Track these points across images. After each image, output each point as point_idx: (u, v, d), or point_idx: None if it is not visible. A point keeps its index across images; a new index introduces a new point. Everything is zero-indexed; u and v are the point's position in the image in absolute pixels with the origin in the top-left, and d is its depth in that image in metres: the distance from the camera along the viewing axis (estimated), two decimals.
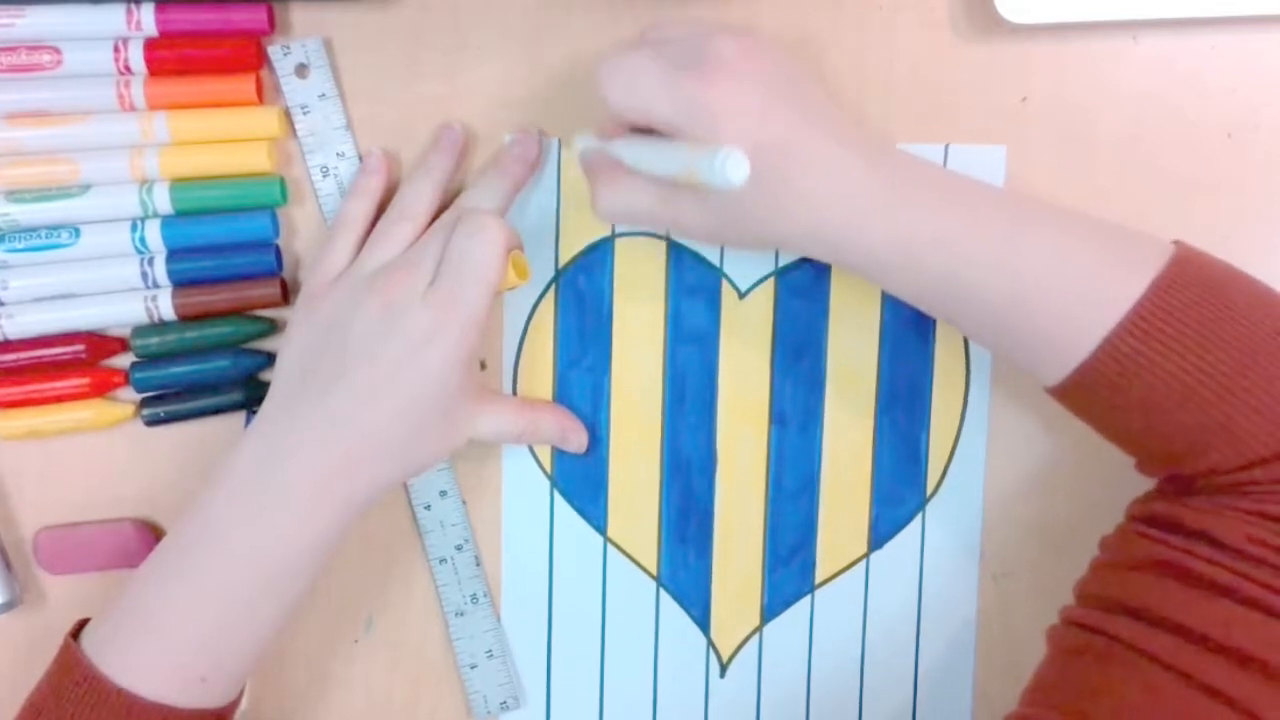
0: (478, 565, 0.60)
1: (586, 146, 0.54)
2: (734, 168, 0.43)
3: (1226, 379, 0.46)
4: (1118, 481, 0.57)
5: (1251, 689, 0.43)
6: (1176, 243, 0.50)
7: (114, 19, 0.55)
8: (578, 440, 0.59)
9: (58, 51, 0.55)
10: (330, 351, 0.52)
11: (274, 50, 0.57)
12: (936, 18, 0.57)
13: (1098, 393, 0.49)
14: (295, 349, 0.54)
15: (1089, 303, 0.47)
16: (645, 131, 0.51)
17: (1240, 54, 0.56)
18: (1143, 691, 0.45)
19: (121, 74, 0.55)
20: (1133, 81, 0.57)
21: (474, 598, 0.60)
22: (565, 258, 0.59)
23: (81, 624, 0.52)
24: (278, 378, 0.54)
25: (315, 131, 0.58)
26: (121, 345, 0.58)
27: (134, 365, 0.58)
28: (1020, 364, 0.51)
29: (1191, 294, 0.47)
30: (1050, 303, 0.48)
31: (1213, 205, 0.57)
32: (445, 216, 0.55)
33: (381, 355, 0.51)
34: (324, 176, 0.58)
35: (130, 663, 0.49)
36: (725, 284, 0.59)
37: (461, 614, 0.60)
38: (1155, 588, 0.47)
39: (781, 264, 0.59)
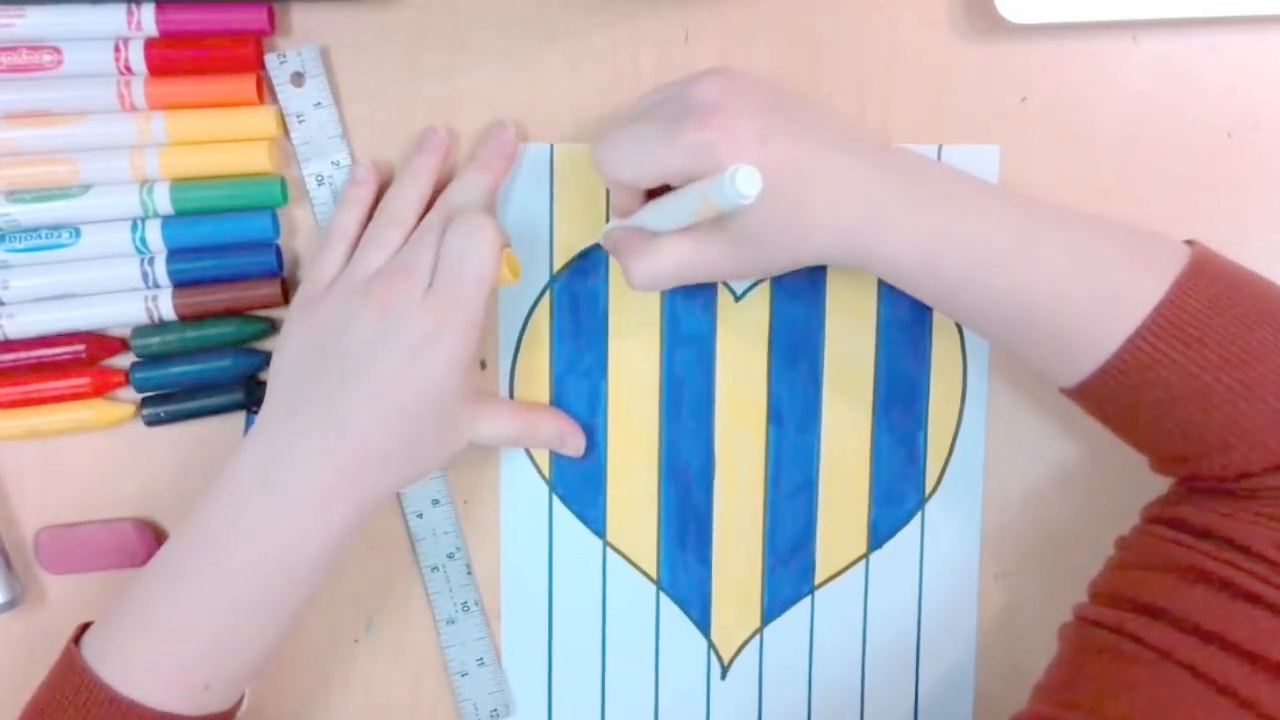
0: (469, 573, 0.60)
1: (607, 230, 0.56)
2: (744, 181, 0.43)
3: (1248, 381, 0.47)
4: (1120, 480, 0.57)
5: (1270, 693, 0.43)
6: (1191, 242, 0.50)
7: (114, 19, 0.55)
8: (575, 443, 0.59)
9: (58, 51, 0.55)
10: (329, 359, 0.51)
11: (270, 58, 0.57)
12: (936, 18, 0.57)
13: (1116, 394, 0.49)
14: (291, 356, 0.53)
15: (1107, 305, 0.48)
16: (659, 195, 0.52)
17: (1240, 54, 0.56)
18: (1160, 692, 0.45)
19: (122, 74, 0.56)
20: (1133, 81, 0.57)
21: (465, 605, 0.60)
22: (560, 263, 0.59)
23: (84, 627, 0.52)
24: (274, 385, 0.54)
25: (310, 140, 0.57)
26: (122, 345, 0.58)
27: (134, 365, 0.58)
28: (1037, 366, 0.52)
29: (1211, 295, 0.47)
30: (1068, 305, 0.48)
31: (1213, 205, 0.57)
32: (431, 217, 0.55)
33: (383, 360, 0.51)
34: (319, 185, 0.58)
35: (132, 670, 0.49)
36: (721, 287, 0.59)
37: (453, 622, 0.60)
38: (1176, 589, 0.47)
39: None
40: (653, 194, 0.54)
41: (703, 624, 0.61)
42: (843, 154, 0.50)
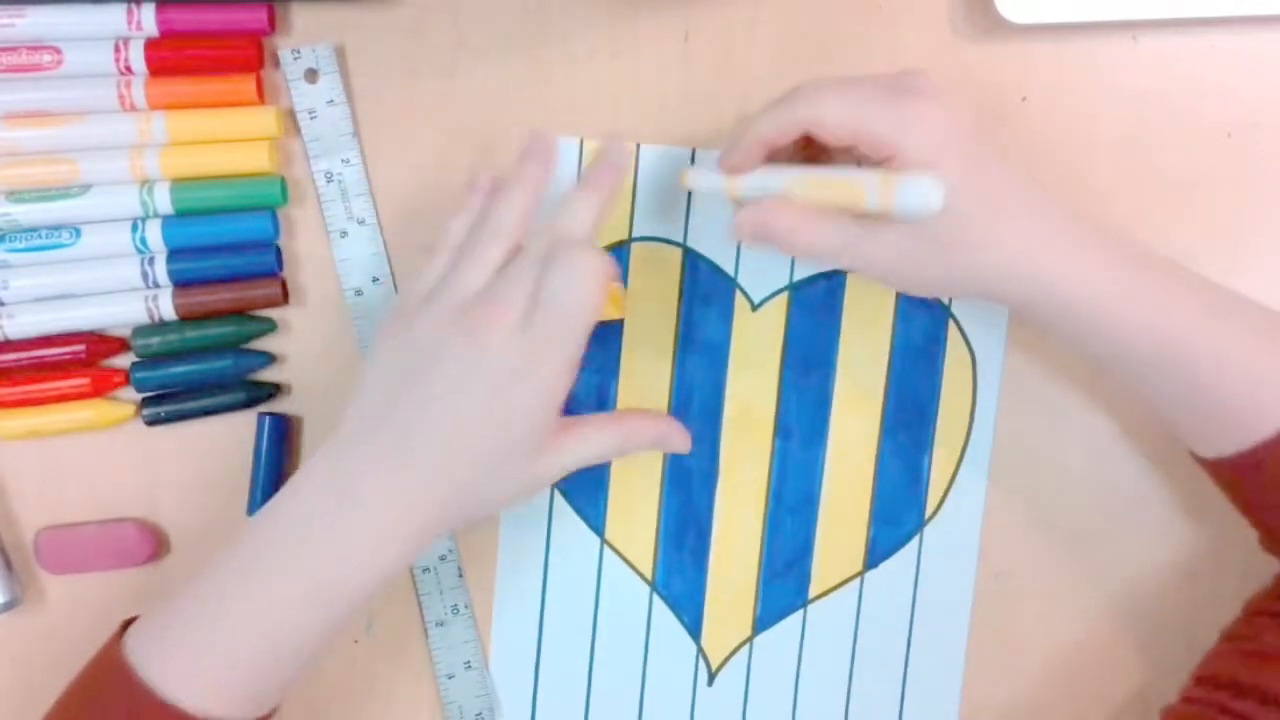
0: (460, 576, 0.60)
1: (751, 187, 0.53)
2: (934, 192, 0.44)
3: None
4: (1120, 515, 0.58)
5: None
6: None
7: (114, 19, 0.55)
8: (680, 442, 0.56)
9: (58, 51, 0.55)
10: (416, 383, 0.50)
11: (284, 54, 0.57)
12: (936, 18, 0.57)
13: (1257, 475, 0.49)
14: (381, 372, 0.51)
15: (1273, 389, 0.48)
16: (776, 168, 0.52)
17: (1240, 54, 0.56)
18: None
19: (122, 74, 0.56)
20: (1133, 81, 0.57)
21: (455, 609, 0.60)
22: None
23: (126, 624, 0.51)
24: (360, 398, 0.51)
25: (321, 137, 0.58)
26: (122, 345, 0.58)
27: (134, 365, 0.58)
28: (1181, 430, 0.52)
29: None
30: (1235, 382, 0.48)
31: (1213, 205, 0.57)
32: (535, 245, 0.51)
33: (469, 396, 0.49)
34: (328, 182, 0.58)
35: (178, 672, 0.48)
36: (739, 294, 0.59)
37: (442, 624, 0.60)
38: None
39: (796, 278, 0.59)
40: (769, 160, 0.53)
41: (694, 629, 0.60)
42: (1037, 190, 0.50)
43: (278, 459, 0.58)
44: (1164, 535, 0.59)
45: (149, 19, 0.55)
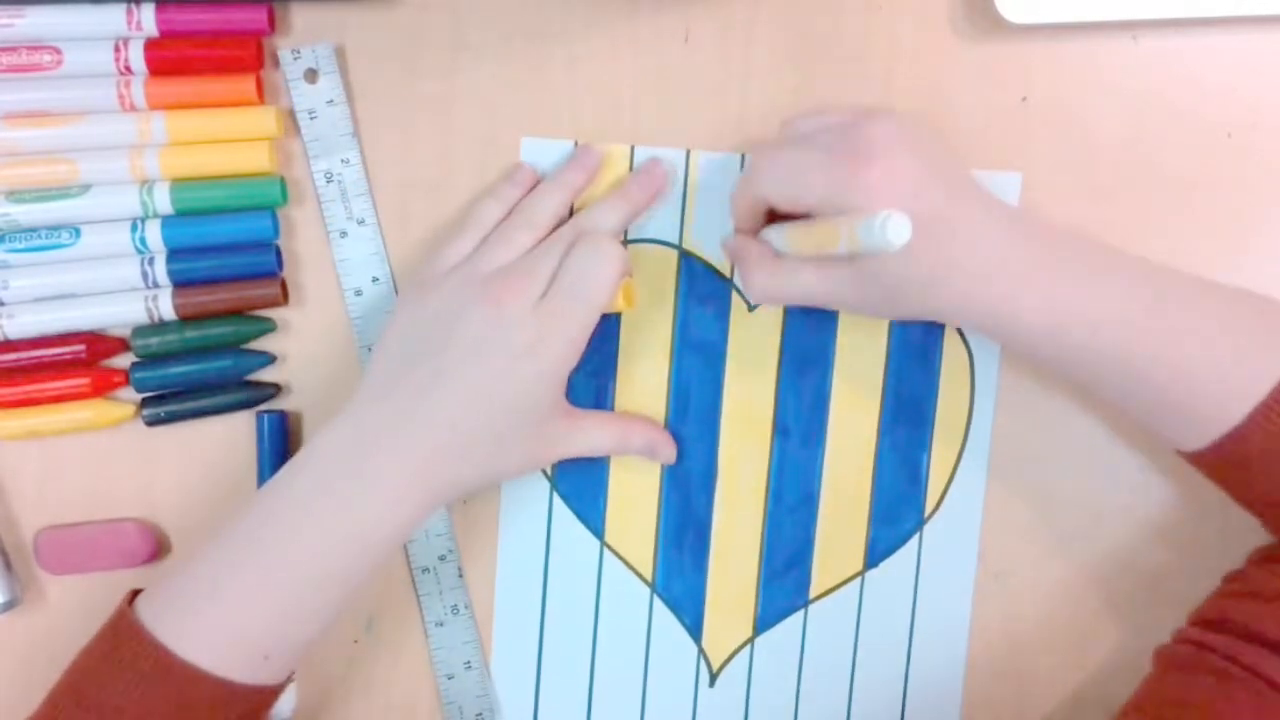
0: (460, 576, 0.60)
1: (730, 235, 0.56)
2: (895, 229, 0.44)
3: None
4: (1120, 513, 0.58)
5: None
6: None
7: (114, 19, 0.55)
8: (667, 453, 0.59)
9: (58, 51, 0.55)
10: (434, 346, 0.52)
11: (284, 54, 0.57)
12: (936, 18, 0.57)
13: (1240, 461, 0.49)
14: (399, 335, 0.54)
15: (1235, 372, 0.48)
16: (784, 220, 0.53)
17: (1240, 54, 0.56)
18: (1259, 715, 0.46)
19: (122, 74, 0.56)
20: (1133, 81, 0.57)
21: (455, 609, 0.60)
22: None
23: (133, 595, 0.52)
24: (377, 360, 0.54)
25: (321, 137, 0.58)
26: (122, 345, 0.58)
27: (134, 365, 0.58)
28: (1159, 430, 0.52)
29: None
30: (1195, 372, 0.48)
31: (1213, 205, 0.57)
32: (564, 230, 0.55)
33: (484, 359, 0.51)
34: (328, 182, 0.58)
35: (193, 634, 0.49)
36: (735, 296, 0.59)
37: (441, 624, 0.60)
38: None
39: None
40: (772, 216, 0.54)
41: (694, 630, 0.60)
42: (990, 220, 0.50)
43: (279, 457, 0.58)
44: (1165, 534, 0.59)
45: (149, 19, 0.55)
